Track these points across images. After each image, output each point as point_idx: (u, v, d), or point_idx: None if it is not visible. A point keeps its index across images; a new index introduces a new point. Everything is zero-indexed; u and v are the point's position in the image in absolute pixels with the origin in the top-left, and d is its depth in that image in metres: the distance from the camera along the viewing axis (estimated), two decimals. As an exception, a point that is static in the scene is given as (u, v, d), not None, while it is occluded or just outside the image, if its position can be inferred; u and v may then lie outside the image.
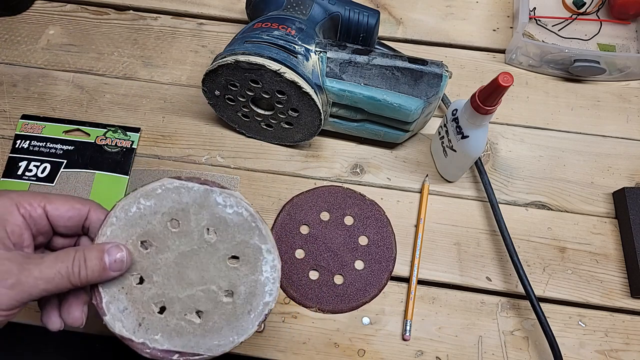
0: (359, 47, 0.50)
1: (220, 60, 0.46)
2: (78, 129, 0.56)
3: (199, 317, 0.35)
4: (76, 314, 0.34)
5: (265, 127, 0.53)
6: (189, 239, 0.35)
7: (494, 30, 0.63)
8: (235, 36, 0.49)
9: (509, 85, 0.39)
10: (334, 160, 0.56)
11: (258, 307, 0.35)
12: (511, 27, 0.63)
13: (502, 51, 0.61)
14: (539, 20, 0.61)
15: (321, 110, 0.48)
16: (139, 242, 0.35)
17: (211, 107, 0.54)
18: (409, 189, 0.54)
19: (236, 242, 0.35)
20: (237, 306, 0.35)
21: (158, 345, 0.35)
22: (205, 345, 0.35)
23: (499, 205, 0.51)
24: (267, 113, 0.51)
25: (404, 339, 0.48)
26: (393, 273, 0.51)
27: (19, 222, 0.32)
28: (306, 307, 0.49)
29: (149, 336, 0.35)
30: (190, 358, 0.35)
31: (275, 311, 0.49)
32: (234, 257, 0.36)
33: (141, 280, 0.35)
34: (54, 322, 0.34)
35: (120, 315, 0.35)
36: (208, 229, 0.35)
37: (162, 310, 0.35)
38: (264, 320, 0.36)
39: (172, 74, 0.60)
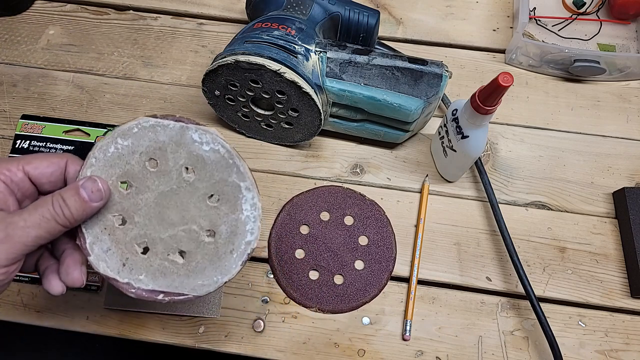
0: (359, 47, 0.50)
1: (220, 60, 0.46)
2: (78, 129, 0.56)
3: (182, 257, 0.35)
4: (75, 274, 0.34)
5: (265, 127, 0.53)
6: (168, 178, 0.35)
7: (494, 30, 0.63)
8: (235, 36, 0.49)
9: (509, 85, 0.39)
10: (334, 160, 0.56)
11: (240, 247, 0.35)
12: (511, 27, 0.63)
13: (502, 51, 0.61)
14: (539, 20, 0.61)
15: (321, 110, 0.48)
16: (119, 183, 0.35)
17: (211, 107, 0.54)
18: (409, 189, 0.54)
19: (215, 180, 0.35)
20: (219, 246, 0.35)
21: (143, 285, 0.35)
22: (189, 285, 0.35)
23: (499, 205, 0.51)
24: (267, 113, 0.51)
25: (404, 339, 0.48)
26: (393, 273, 0.51)
27: (2, 188, 0.33)
28: (306, 307, 0.49)
29: (133, 276, 0.35)
30: (175, 297, 0.35)
31: (275, 311, 0.49)
32: (214, 195, 0.35)
33: (123, 222, 0.35)
34: (55, 286, 0.34)
35: (104, 255, 0.35)
36: (187, 168, 0.35)
37: (146, 250, 0.35)
38: (247, 260, 0.36)
39: (172, 74, 0.60)
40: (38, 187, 0.35)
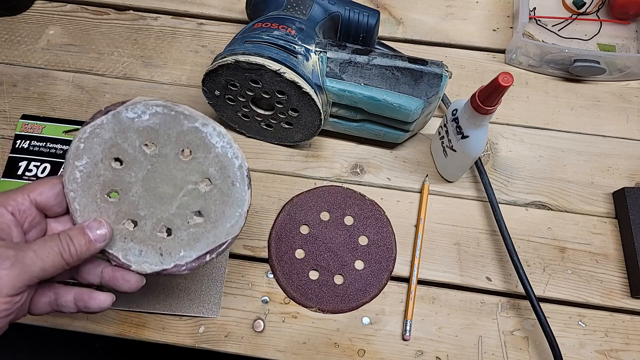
0: (359, 47, 0.50)
1: (220, 60, 0.46)
2: (78, 129, 0.56)
3: (201, 215, 0.37)
4: (133, 278, 0.36)
5: (265, 127, 0.53)
6: (139, 164, 0.36)
7: (494, 30, 0.63)
8: (235, 36, 0.49)
9: (509, 85, 0.39)
10: (334, 160, 0.56)
11: (237, 174, 0.37)
12: (511, 27, 0.63)
13: (502, 51, 0.61)
14: (539, 20, 0.61)
15: (321, 110, 0.48)
16: (107, 197, 0.36)
17: (211, 107, 0.54)
18: (409, 189, 0.54)
19: (174, 137, 0.36)
20: (220, 185, 0.37)
21: (188, 259, 0.36)
22: (222, 233, 0.37)
23: (499, 205, 0.51)
24: (267, 113, 0.51)
25: (404, 339, 0.48)
26: (393, 273, 0.51)
27: (9, 219, 0.34)
28: (306, 307, 0.49)
29: (175, 258, 0.36)
30: (219, 249, 0.37)
31: (275, 311, 0.49)
32: (184, 150, 0.36)
33: (135, 223, 0.36)
34: (103, 299, 0.36)
35: (141, 259, 0.36)
36: (146, 144, 0.36)
37: (169, 232, 0.37)
38: (249, 182, 0.37)
39: (172, 74, 0.60)
40: (47, 212, 0.36)
